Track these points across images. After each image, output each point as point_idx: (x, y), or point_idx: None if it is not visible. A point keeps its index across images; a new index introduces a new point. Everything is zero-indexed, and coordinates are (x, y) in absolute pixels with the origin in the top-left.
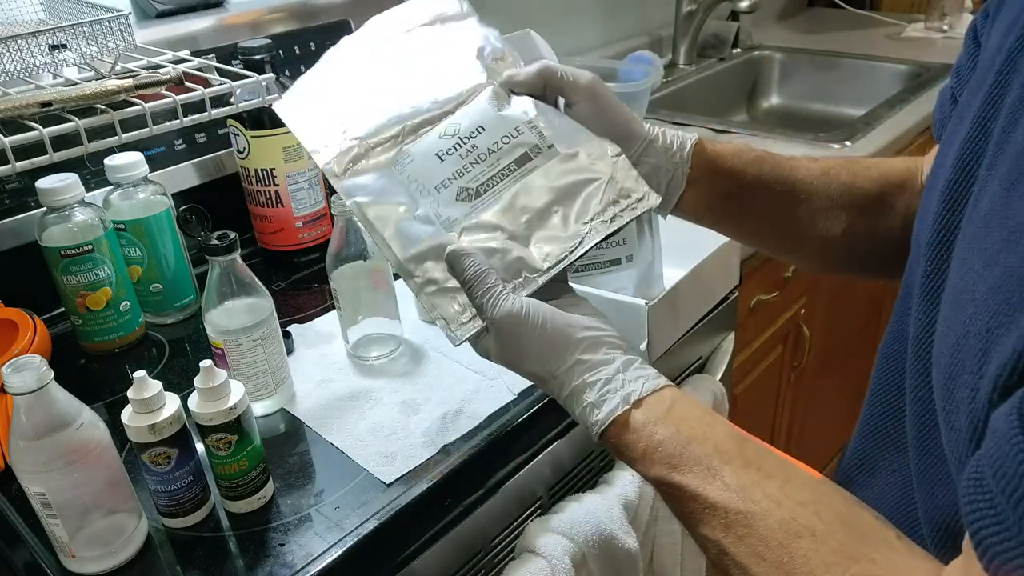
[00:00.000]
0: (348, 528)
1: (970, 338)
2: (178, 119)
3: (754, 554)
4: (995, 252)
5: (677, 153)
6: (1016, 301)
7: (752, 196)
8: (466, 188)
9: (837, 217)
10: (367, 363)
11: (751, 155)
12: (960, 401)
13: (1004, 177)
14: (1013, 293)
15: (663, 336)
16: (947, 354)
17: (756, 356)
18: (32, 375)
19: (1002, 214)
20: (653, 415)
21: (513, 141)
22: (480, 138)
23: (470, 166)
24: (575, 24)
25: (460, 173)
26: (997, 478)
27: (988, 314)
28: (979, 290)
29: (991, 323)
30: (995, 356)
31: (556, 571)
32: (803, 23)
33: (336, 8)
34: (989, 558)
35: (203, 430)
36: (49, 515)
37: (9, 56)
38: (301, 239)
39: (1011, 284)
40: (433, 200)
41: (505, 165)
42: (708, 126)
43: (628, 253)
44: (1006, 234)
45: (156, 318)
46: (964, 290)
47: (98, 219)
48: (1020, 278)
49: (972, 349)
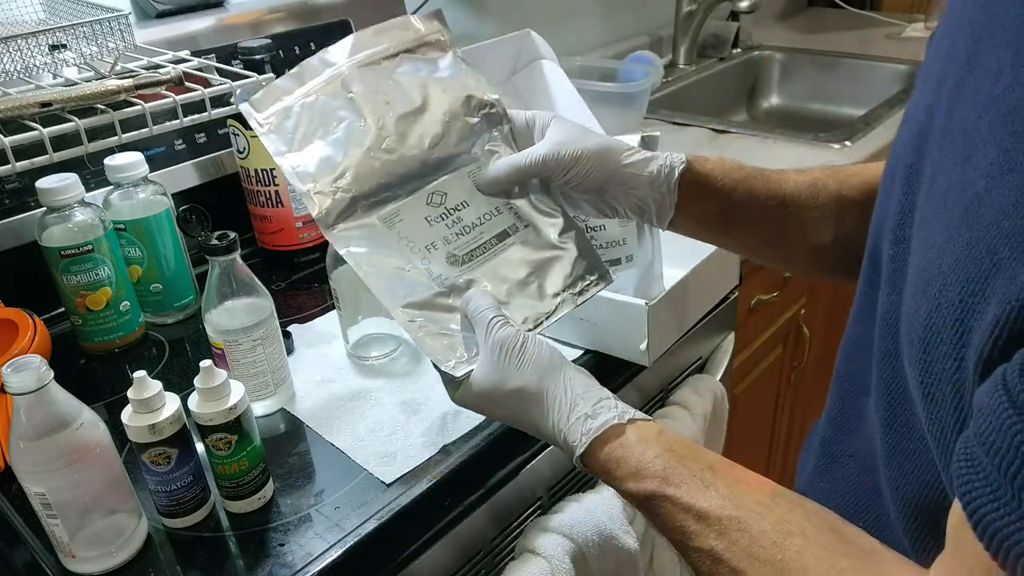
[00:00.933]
0: (348, 528)
1: (943, 310)
2: (178, 119)
3: (748, 555)
4: (956, 224)
5: (664, 184)
6: (987, 268)
7: (744, 212)
8: (454, 254)
9: (827, 226)
10: (367, 363)
11: (740, 173)
12: (942, 372)
13: (957, 154)
14: (983, 261)
15: (663, 336)
16: (920, 328)
17: (756, 356)
18: (32, 375)
19: (960, 188)
20: (645, 435)
21: (494, 219)
22: (464, 212)
23: (455, 236)
24: (575, 24)
25: (447, 240)
26: (991, 455)
27: (959, 284)
28: (945, 263)
29: (963, 292)
30: (975, 327)
31: (556, 571)
32: (803, 23)
33: (336, 8)
34: (990, 535)
35: (203, 430)
36: (49, 515)
37: (9, 56)
38: (301, 239)
39: (979, 252)
40: (424, 258)
41: (487, 240)
42: (708, 126)
43: (628, 253)
44: (964, 206)
45: (156, 318)
46: (929, 265)
47: (98, 219)
48: (988, 245)
49: (947, 320)
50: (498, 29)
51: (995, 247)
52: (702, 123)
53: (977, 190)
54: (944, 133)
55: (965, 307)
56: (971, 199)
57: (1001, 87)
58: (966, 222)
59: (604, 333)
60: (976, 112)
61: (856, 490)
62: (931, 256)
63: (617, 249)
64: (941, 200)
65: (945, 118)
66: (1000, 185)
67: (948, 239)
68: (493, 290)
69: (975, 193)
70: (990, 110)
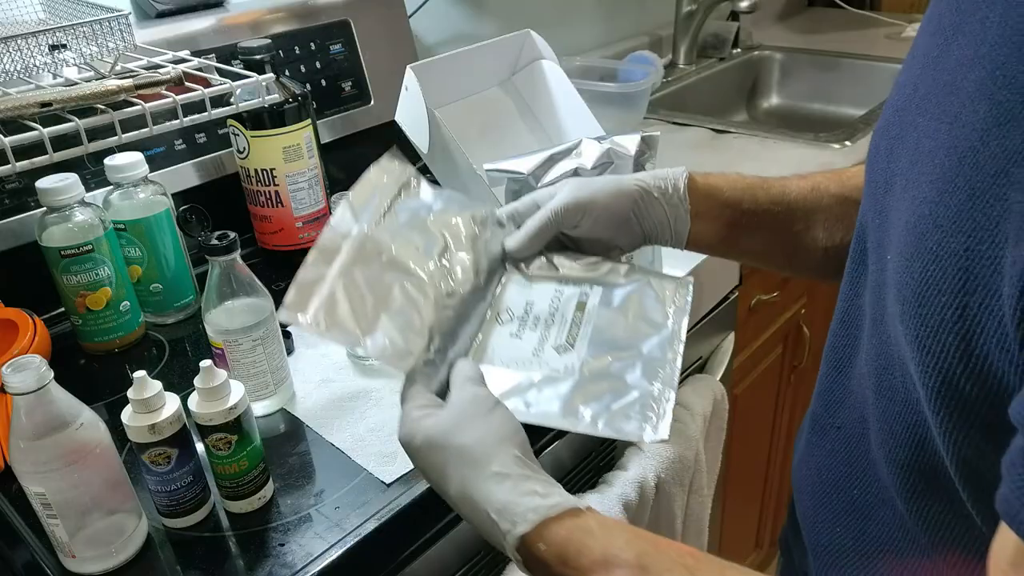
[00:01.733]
0: (348, 528)
1: (942, 261)
2: (178, 119)
3: None
4: (951, 178)
5: (673, 195)
6: (997, 214)
7: (754, 220)
8: (560, 345)
9: (835, 227)
10: (367, 363)
11: (743, 183)
12: (941, 323)
13: (944, 114)
14: (991, 208)
15: None
16: (915, 283)
17: (756, 356)
18: (32, 375)
19: (949, 146)
20: (606, 521)
21: (562, 297)
22: (535, 309)
23: (546, 331)
24: (575, 24)
25: (544, 338)
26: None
27: (962, 234)
28: (941, 216)
29: (969, 241)
30: (982, 273)
31: None
32: (803, 23)
33: (336, 8)
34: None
35: (203, 430)
36: (49, 515)
37: (9, 56)
38: (301, 239)
39: (986, 201)
40: (541, 366)
41: (571, 318)
42: (708, 126)
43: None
44: (957, 160)
45: (156, 318)
46: (920, 222)
47: (98, 219)
48: (995, 193)
49: (948, 271)
50: (498, 29)
51: (1005, 194)
52: (702, 123)
53: (971, 144)
54: (927, 98)
55: (970, 255)
56: (965, 152)
57: (987, 46)
58: (962, 175)
59: None
60: (961, 74)
61: (847, 459)
62: (922, 213)
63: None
64: (928, 160)
65: (929, 86)
66: (998, 136)
67: (942, 193)
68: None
69: (969, 147)
70: (976, 69)
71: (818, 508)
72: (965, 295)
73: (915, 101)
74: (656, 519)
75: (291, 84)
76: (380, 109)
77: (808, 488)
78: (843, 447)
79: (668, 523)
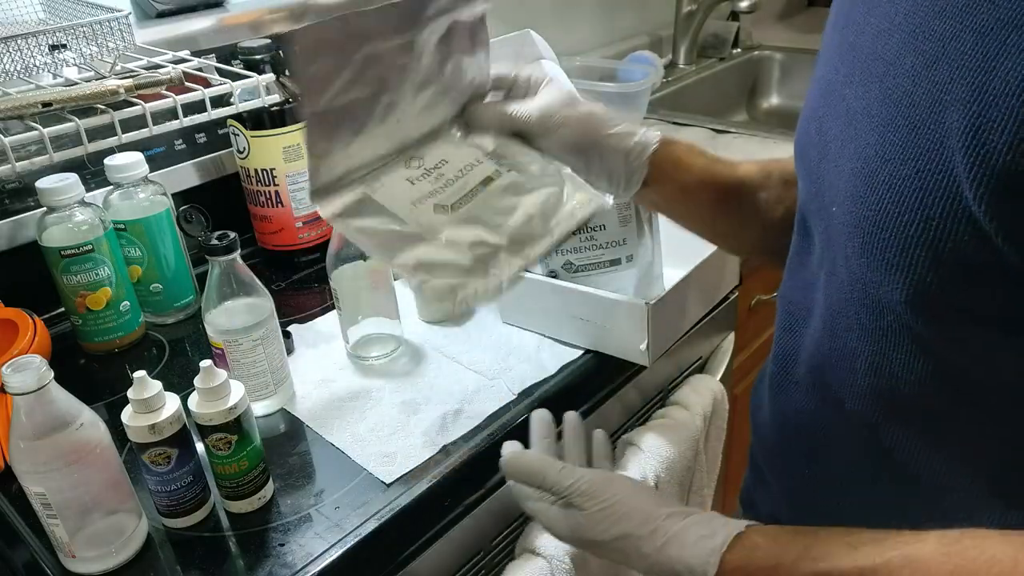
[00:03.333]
0: (348, 528)
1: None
2: (178, 119)
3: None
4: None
5: (637, 159)
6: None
7: (702, 190)
8: (441, 205)
9: (776, 204)
10: (367, 363)
11: (703, 158)
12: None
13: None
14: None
15: (663, 336)
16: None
17: (756, 356)
18: (32, 375)
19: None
20: (765, 530)
21: (476, 168)
22: (445, 168)
23: (440, 189)
24: (575, 24)
25: (433, 194)
26: None
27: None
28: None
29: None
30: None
31: (556, 571)
32: (803, 23)
33: (336, 8)
34: None
35: (203, 430)
36: (49, 515)
37: (9, 56)
38: (301, 239)
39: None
40: (410, 212)
41: (473, 186)
42: (708, 126)
43: (628, 253)
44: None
45: (156, 318)
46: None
47: (98, 219)
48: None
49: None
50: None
51: (942, 118)
52: (702, 123)
53: (904, 89)
54: (851, 73)
55: (922, 176)
56: (900, 97)
57: (902, 15)
58: (900, 114)
59: (604, 333)
60: (881, 42)
61: (808, 408)
62: (867, 155)
63: (617, 249)
64: (863, 116)
65: (850, 64)
66: (928, 77)
67: (883, 135)
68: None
69: (903, 92)
70: (896, 34)
71: (785, 453)
72: (925, 209)
73: (837, 80)
74: None
75: (291, 84)
76: None
77: (772, 438)
78: (803, 397)
79: None
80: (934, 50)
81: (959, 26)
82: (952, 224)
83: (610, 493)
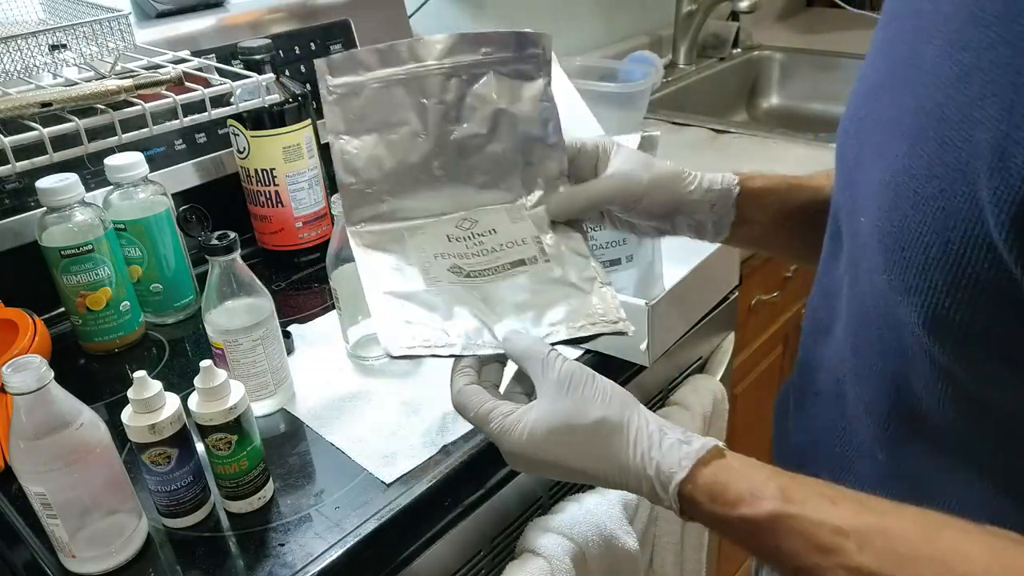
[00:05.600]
0: (348, 528)
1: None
2: (178, 119)
3: (900, 559)
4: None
5: (722, 207)
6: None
7: (791, 221)
8: (459, 267)
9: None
10: (367, 363)
11: (786, 184)
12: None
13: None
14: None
15: (663, 336)
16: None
17: (756, 356)
18: (32, 375)
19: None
20: (747, 459)
21: (517, 248)
22: (489, 238)
23: (471, 255)
24: (575, 24)
25: (460, 256)
26: None
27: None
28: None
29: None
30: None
31: (556, 571)
32: (803, 23)
33: (336, 8)
34: None
35: (203, 430)
36: (49, 515)
37: (9, 56)
38: (301, 239)
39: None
40: (426, 261)
41: (501, 264)
42: (708, 126)
43: (628, 253)
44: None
45: (156, 318)
46: (895, 175)
47: (98, 219)
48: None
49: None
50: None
51: (971, 136)
52: (702, 123)
53: (936, 101)
54: (889, 76)
55: (946, 196)
56: (931, 109)
57: (942, 17)
58: (930, 127)
59: None
60: (920, 47)
61: (826, 421)
62: (896, 168)
63: (617, 249)
64: (895, 125)
65: (889, 66)
66: (960, 90)
67: (912, 147)
68: (482, 310)
69: (935, 104)
70: (934, 39)
71: (799, 470)
72: (946, 231)
73: (876, 82)
74: (656, 518)
75: (291, 84)
76: None
77: (789, 455)
78: (822, 410)
79: (668, 523)
80: (969, 61)
81: (996, 37)
82: (972, 250)
83: (595, 378)
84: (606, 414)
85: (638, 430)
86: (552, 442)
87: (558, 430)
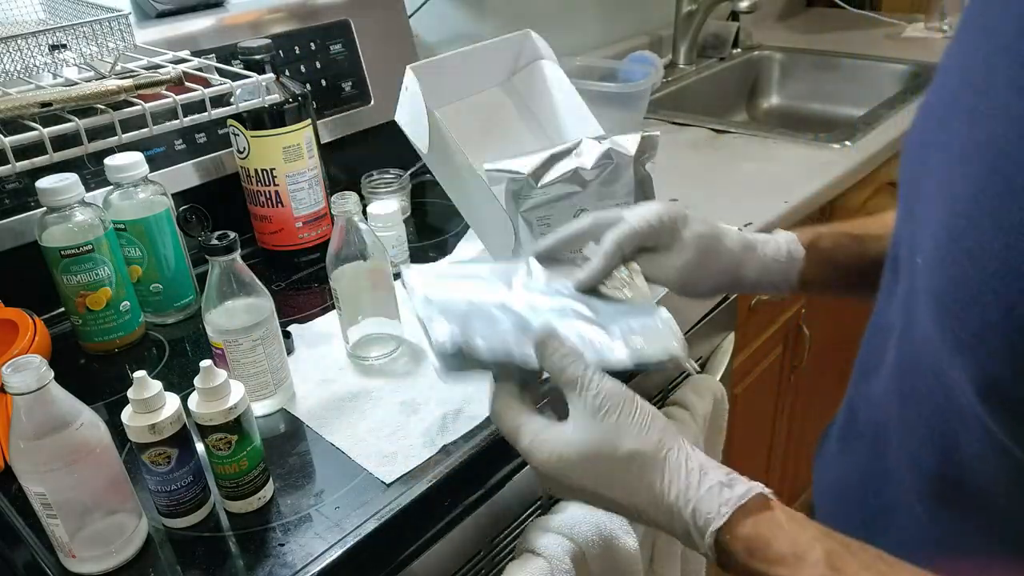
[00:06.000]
0: (348, 528)
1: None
2: (178, 119)
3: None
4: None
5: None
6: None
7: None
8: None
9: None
10: (367, 363)
11: (853, 242)
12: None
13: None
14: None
15: None
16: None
17: (756, 356)
18: (32, 375)
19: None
20: (795, 514)
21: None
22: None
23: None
24: (575, 24)
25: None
26: None
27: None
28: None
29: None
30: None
31: (556, 571)
32: (803, 23)
33: (336, 8)
34: None
35: (203, 430)
36: (49, 515)
37: (9, 56)
38: (301, 239)
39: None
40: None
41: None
42: (708, 126)
43: None
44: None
45: (156, 318)
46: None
47: (98, 219)
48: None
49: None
50: (498, 29)
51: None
52: (702, 123)
53: (1008, 139)
54: (957, 98)
55: (1011, 252)
56: (1001, 149)
57: (1012, 33)
58: (998, 171)
59: None
60: (989, 71)
61: (868, 466)
62: (956, 211)
63: None
64: (959, 161)
65: (957, 85)
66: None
67: (976, 192)
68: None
69: (1005, 143)
70: (1003, 63)
71: (836, 512)
72: (1010, 294)
73: (946, 102)
74: None
75: (291, 84)
76: (380, 109)
77: (827, 493)
78: (864, 454)
79: None
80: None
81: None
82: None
83: (635, 403)
84: (640, 447)
85: (677, 466)
86: (582, 469)
87: (588, 458)
